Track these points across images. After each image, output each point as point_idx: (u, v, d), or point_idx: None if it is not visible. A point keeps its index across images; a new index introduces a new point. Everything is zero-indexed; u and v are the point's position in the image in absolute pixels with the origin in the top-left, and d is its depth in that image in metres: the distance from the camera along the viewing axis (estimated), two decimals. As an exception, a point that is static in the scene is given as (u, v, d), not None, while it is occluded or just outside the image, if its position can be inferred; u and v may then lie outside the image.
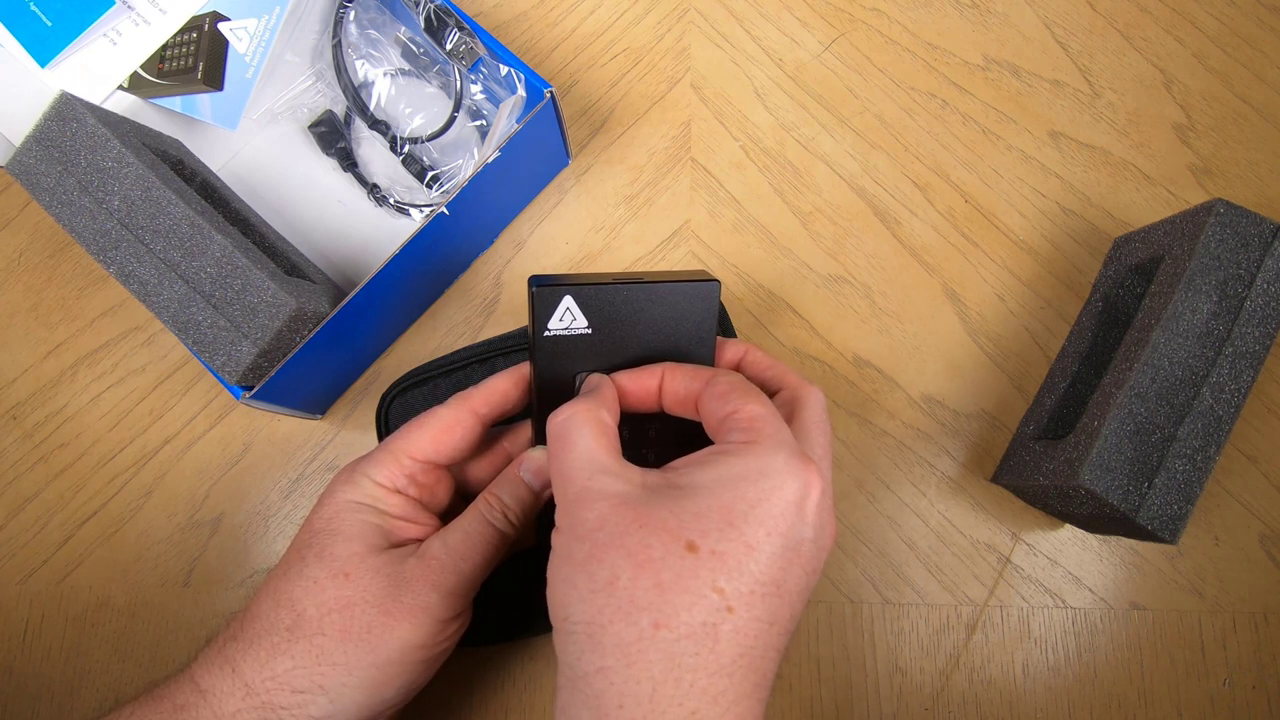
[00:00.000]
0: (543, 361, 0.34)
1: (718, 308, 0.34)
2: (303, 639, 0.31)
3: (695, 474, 0.28)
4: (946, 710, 0.43)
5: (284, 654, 0.31)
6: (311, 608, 0.31)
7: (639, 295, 0.34)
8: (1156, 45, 0.52)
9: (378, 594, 0.31)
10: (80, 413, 0.48)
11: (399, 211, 0.49)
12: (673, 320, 0.34)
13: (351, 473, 0.34)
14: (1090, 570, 0.45)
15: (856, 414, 0.47)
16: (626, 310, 0.34)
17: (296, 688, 0.30)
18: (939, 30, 0.53)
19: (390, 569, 0.32)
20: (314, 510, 0.34)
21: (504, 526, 0.34)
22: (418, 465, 0.34)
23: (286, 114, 0.50)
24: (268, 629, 0.31)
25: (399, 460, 0.34)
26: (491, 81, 0.47)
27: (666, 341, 0.34)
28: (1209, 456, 0.37)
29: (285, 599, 0.32)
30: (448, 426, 0.34)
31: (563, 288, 0.33)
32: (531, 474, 0.35)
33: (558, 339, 0.34)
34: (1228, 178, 0.50)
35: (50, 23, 0.44)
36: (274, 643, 0.31)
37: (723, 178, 0.51)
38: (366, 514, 0.33)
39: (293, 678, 0.30)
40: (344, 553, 0.32)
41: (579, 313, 0.34)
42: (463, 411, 0.35)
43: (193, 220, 0.38)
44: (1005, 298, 0.48)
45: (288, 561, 0.33)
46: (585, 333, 0.34)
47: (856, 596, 0.45)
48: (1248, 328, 0.38)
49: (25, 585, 0.46)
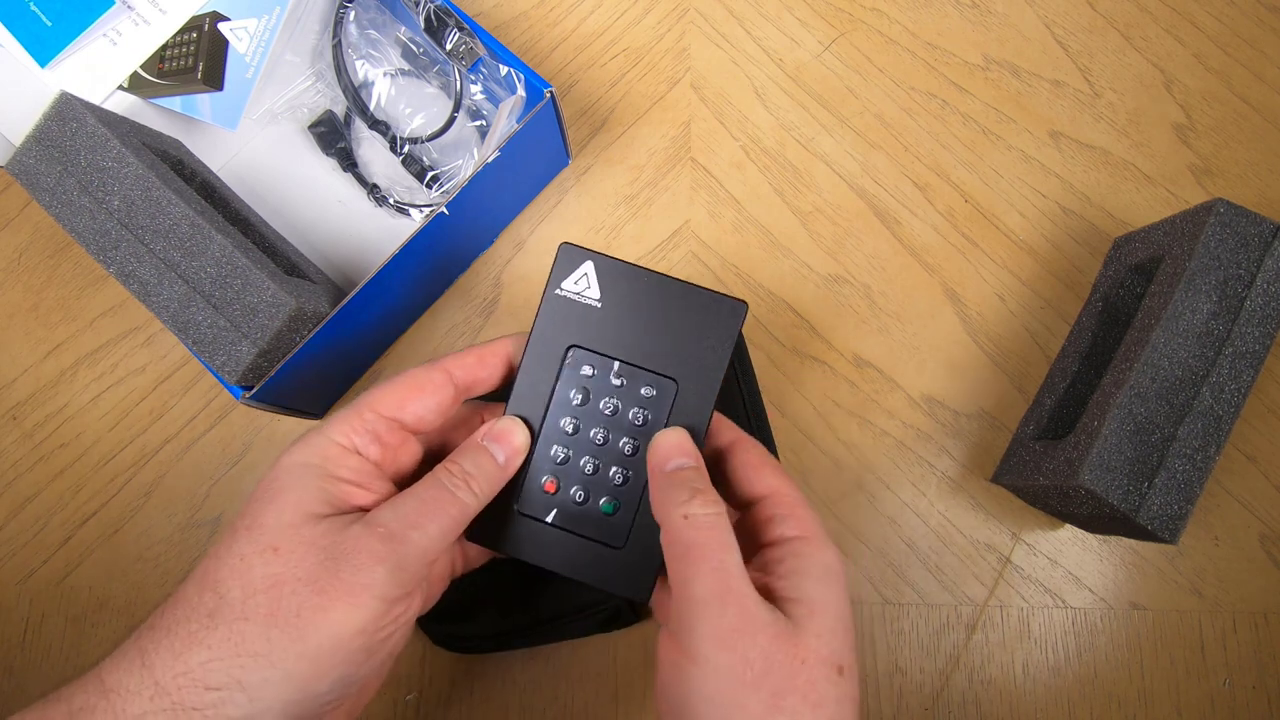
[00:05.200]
0: (543, 319, 0.34)
1: (739, 331, 0.33)
2: (222, 625, 0.26)
3: (797, 584, 0.29)
4: (946, 710, 0.43)
5: (200, 644, 0.26)
6: (236, 589, 0.27)
7: (661, 287, 0.33)
8: (1156, 45, 0.52)
9: (311, 569, 0.27)
10: (80, 413, 0.48)
11: (399, 211, 0.49)
12: (688, 327, 0.33)
13: (310, 432, 0.31)
14: (1090, 570, 0.45)
15: (856, 414, 0.47)
16: (644, 298, 0.33)
17: (211, 684, 0.25)
18: (939, 30, 0.53)
19: (327, 540, 0.27)
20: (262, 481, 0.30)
21: (465, 496, 0.30)
22: (382, 422, 0.31)
23: (286, 114, 0.50)
24: (185, 616, 0.27)
25: (361, 415, 0.31)
26: (491, 81, 0.47)
27: (674, 345, 0.33)
28: (1209, 456, 0.37)
29: (210, 580, 0.27)
30: (419, 385, 0.32)
31: (588, 252, 0.34)
32: (497, 443, 0.32)
33: (566, 300, 0.34)
34: (1228, 178, 0.50)
35: (50, 23, 0.44)
36: (190, 631, 0.26)
37: (723, 178, 0.51)
38: (311, 476, 0.29)
39: (207, 672, 0.26)
40: (274, 522, 0.28)
41: (595, 282, 0.33)
42: (436, 372, 0.32)
43: (193, 220, 0.38)
44: (1005, 298, 0.48)
45: (221, 538, 0.29)
46: (594, 304, 0.33)
47: (856, 596, 0.44)
48: (1248, 328, 0.38)
49: (25, 585, 0.46)
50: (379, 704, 0.43)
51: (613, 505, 0.33)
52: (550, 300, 0.34)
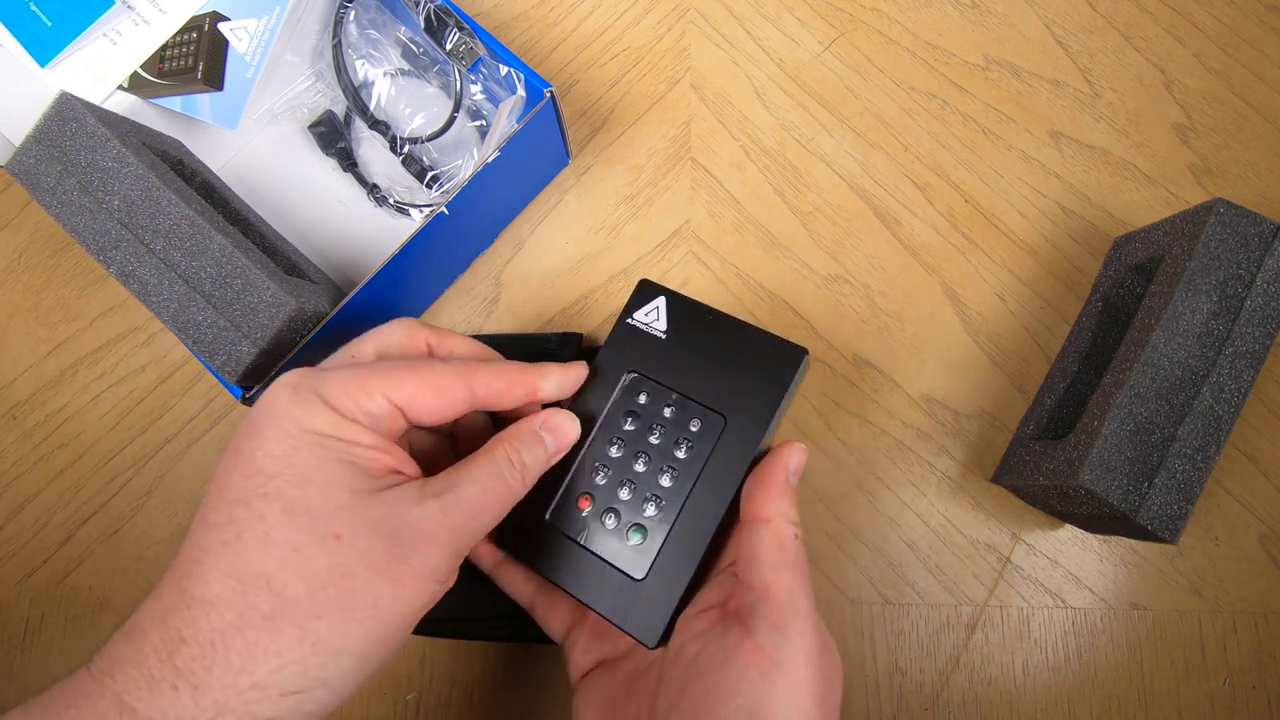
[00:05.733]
0: (611, 344, 0.35)
1: (796, 376, 0.33)
2: (289, 627, 0.24)
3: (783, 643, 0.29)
4: (946, 710, 0.43)
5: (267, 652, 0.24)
6: (297, 584, 0.24)
7: (725, 326, 0.34)
8: (1156, 45, 0.52)
9: (380, 557, 0.25)
10: (80, 413, 0.48)
11: (399, 211, 0.49)
12: (745, 367, 0.33)
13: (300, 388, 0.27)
14: (1090, 570, 0.45)
15: (856, 414, 0.47)
16: (707, 335, 0.34)
17: (288, 689, 0.24)
18: (939, 30, 0.53)
19: (388, 523, 0.26)
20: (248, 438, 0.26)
21: (518, 487, 0.30)
22: (388, 408, 0.28)
23: (286, 114, 0.50)
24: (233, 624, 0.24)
25: (370, 395, 0.28)
26: (491, 81, 0.47)
27: (729, 383, 0.33)
28: (1209, 456, 0.37)
29: (253, 577, 0.24)
30: (436, 388, 0.29)
31: (663, 288, 0.36)
32: (551, 435, 0.32)
33: (635, 330, 0.35)
34: (1228, 178, 0.50)
35: (50, 23, 0.44)
36: (248, 641, 0.24)
37: (723, 178, 0.51)
38: (334, 448, 0.26)
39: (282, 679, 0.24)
40: (327, 505, 0.25)
41: (664, 316, 0.35)
42: (460, 384, 0.30)
43: (193, 220, 0.38)
44: (1005, 298, 0.48)
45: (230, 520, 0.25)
46: (660, 335, 0.35)
47: (856, 596, 0.44)
48: (1248, 328, 0.38)
49: (25, 585, 0.46)
50: (379, 704, 0.43)
51: (641, 534, 0.33)
52: (620, 327, 0.36)
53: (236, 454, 0.26)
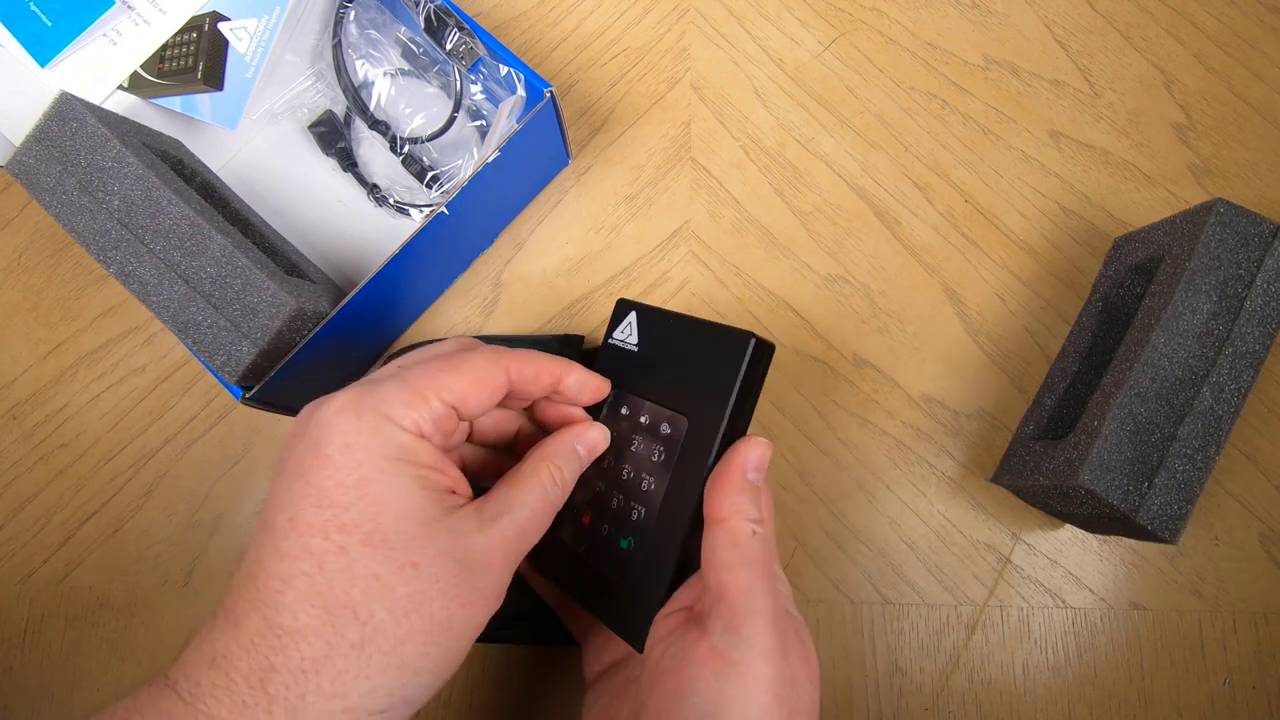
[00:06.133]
0: (599, 368, 0.36)
1: (744, 363, 0.32)
2: (379, 655, 0.25)
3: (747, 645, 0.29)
4: (946, 710, 0.43)
5: (358, 678, 0.25)
6: (381, 612, 0.26)
7: (682, 327, 0.34)
8: (1156, 45, 0.52)
9: (452, 583, 0.27)
10: (80, 413, 0.48)
11: (399, 211, 0.49)
12: (702, 364, 0.33)
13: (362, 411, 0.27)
14: (1090, 570, 0.45)
15: (856, 414, 0.47)
16: (668, 339, 0.35)
17: (375, 709, 0.25)
18: (939, 30, 0.53)
19: (458, 550, 0.27)
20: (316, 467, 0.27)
21: (559, 502, 0.31)
22: (444, 409, 0.29)
23: (286, 114, 0.50)
24: (324, 654, 0.25)
25: (427, 401, 0.28)
26: (491, 81, 0.47)
27: (689, 383, 0.33)
28: (1209, 456, 0.37)
29: (340, 608, 0.25)
30: (481, 380, 0.30)
31: (634, 304, 0.37)
32: (587, 450, 0.33)
33: (614, 349, 0.36)
34: (1228, 178, 0.50)
35: (50, 23, 0.44)
36: (339, 670, 0.25)
37: (723, 178, 0.51)
38: (404, 474, 0.27)
39: (372, 700, 0.25)
40: (402, 536, 0.26)
41: (635, 330, 0.36)
42: (499, 371, 0.30)
43: (193, 220, 0.38)
44: (1005, 298, 0.48)
45: (307, 551, 0.26)
46: (633, 349, 0.36)
47: (856, 596, 0.44)
48: (1248, 328, 0.38)
49: (25, 585, 0.46)
50: (379, 704, 0.43)
51: (628, 541, 0.34)
52: (605, 348, 0.37)
53: (305, 483, 0.27)
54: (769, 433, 0.47)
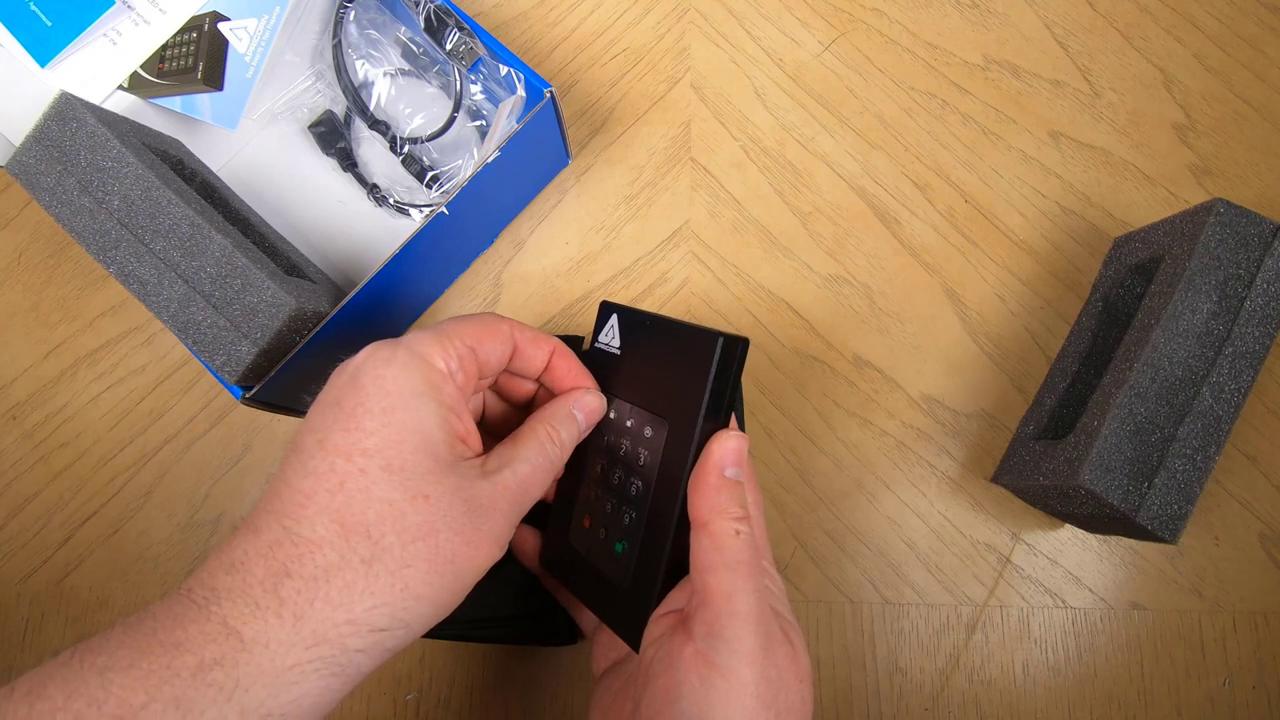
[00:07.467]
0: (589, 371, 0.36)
1: (714, 364, 0.31)
2: (385, 574, 0.27)
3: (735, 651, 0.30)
4: (946, 710, 0.43)
5: (363, 592, 0.26)
6: (391, 535, 0.27)
7: (658, 328, 0.34)
8: (1156, 45, 0.52)
9: (458, 519, 0.28)
10: (80, 413, 0.48)
11: (399, 211, 0.49)
12: (678, 365, 0.33)
13: (397, 348, 0.30)
14: (1090, 570, 0.45)
15: (856, 414, 0.47)
16: (646, 340, 0.35)
17: (376, 626, 0.27)
18: (939, 30, 0.53)
19: (466, 491, 0.29)
20: (349, 393, 0.29)
21: (558, 461, 0.33)
22: (467, 351, 0.31)
23: (286, 114, 0.50)
24: (336, 565, 0.26)
25: (451, 341, 0.31)
26: (491, 81, 0.47)
27: (666, 384, 0.33)
28: (1209, 456, 0.37)
29: (355, 525, 0.27)
30: (490, 329, 0.32)
31: (616, 306, 0.36)
32: (583, 413, 0.34)
33: (599, 352, 0.36)
34: (1228, 178, 0.50)
35: (50, 23, 0.44)
36: (347, 581, 0.26)
37: (723, 178, 0.51)
38: (428, 408, 0.29)
39: (373, 617, 0.27)
40: (417, 467, 0.28)
41: (617, 333, 0.36)
42: (504, 324, 0.33)
43: (192, 220, 0.38)
44: (1005, 298, 0.48)
45: (332, 469, 0.28)
46: (616, 353, 0.36)
47: (856, 596, 0.45)
48: (1248, 328, 0.38)
49: (25, 585, 0.46)
50: (379, 703, 0.43)
51: (622, 544, 0.34)
52: (591, 353, 0.36)
53: (338, 409, 0.29)
54: (769, 433, 0.47)
